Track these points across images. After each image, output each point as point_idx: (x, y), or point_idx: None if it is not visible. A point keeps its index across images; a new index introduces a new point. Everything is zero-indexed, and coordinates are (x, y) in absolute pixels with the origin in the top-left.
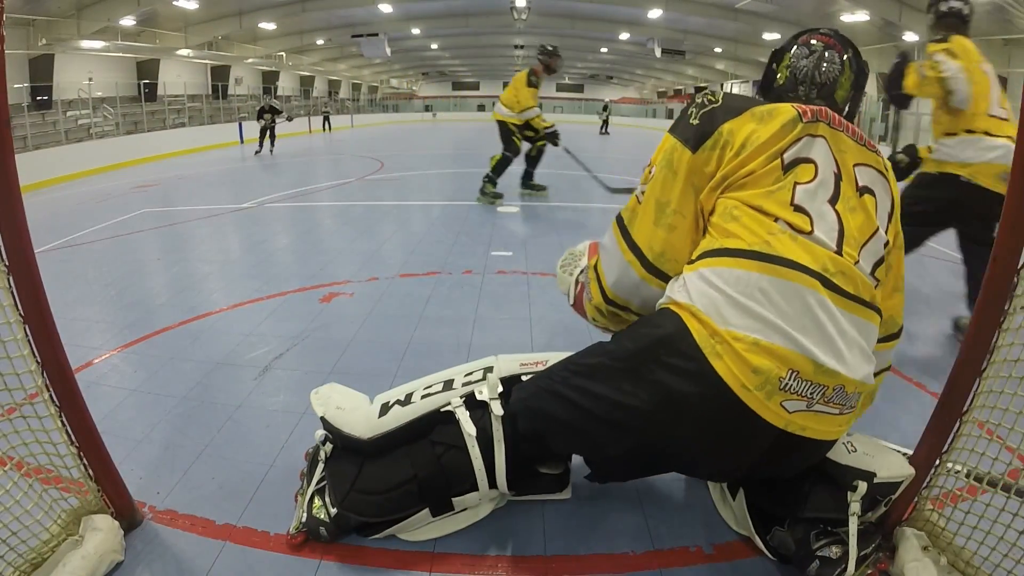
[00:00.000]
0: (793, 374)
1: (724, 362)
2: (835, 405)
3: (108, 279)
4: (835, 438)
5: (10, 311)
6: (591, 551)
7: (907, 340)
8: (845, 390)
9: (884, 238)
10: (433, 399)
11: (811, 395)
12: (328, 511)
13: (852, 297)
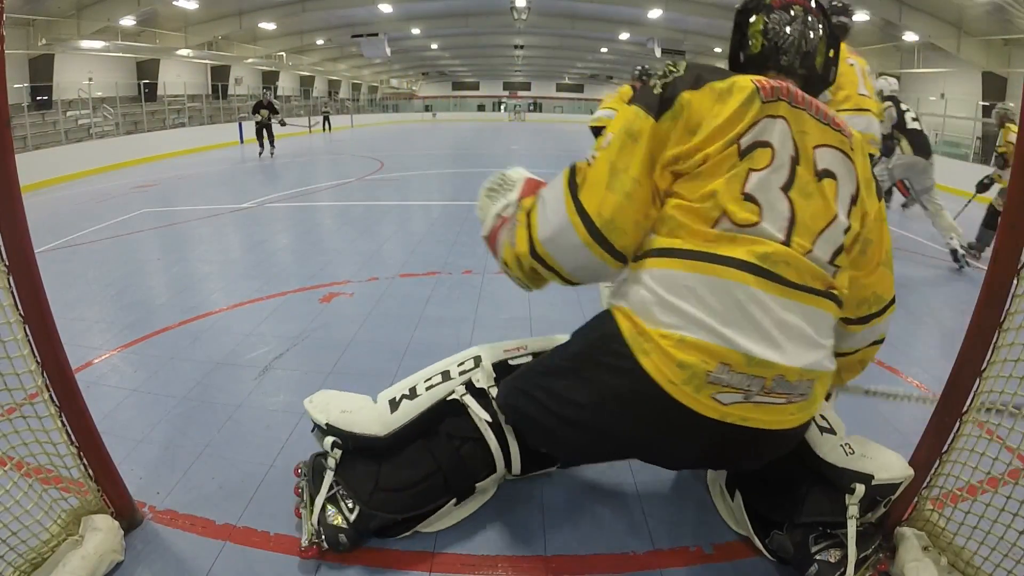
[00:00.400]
0: (723, 367)
1: (651, 359)
2: (778, 395)
3: (108, 279)
4: (791, 427)
5: (10, 311)
6: (591, 551)
7: (907, 340)
8: (787, 379)
9: (845, 223)
10: (437, 390)
11: (747, 387)
12: (346, 517)
13: (797, 286)
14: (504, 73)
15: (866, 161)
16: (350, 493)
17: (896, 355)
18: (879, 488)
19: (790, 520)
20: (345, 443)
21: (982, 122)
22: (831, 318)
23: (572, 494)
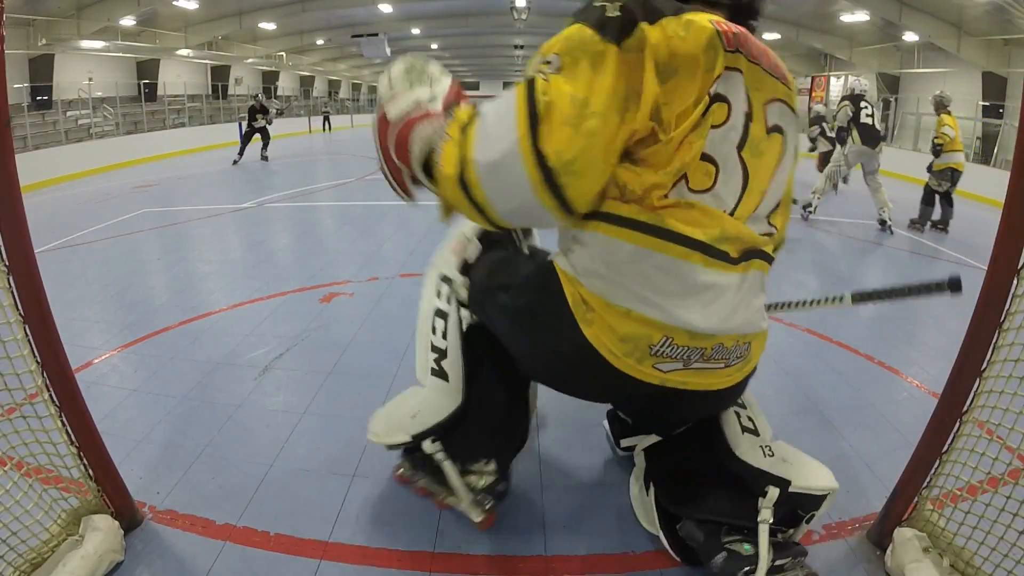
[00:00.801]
0: (666, 340)
1: (593, 329)
2: (717, 361)
3: (108, 279)
4: (728, 387)
5: (10, 311)
6: (591, 551)
7: (907, 340)
8: (724, 346)
9: (786, 176)
10: (451, 331)
11: (687, 357)
12: (487, 473)
13: (739, 260)
14: (504, 73)
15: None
16: (473, 457)
17: (896, 355)
18: (797, 497)
19: (690, 516)
20: (436, 432)
21: (982, 122)
22: (764, 276)
23: (572, 494)
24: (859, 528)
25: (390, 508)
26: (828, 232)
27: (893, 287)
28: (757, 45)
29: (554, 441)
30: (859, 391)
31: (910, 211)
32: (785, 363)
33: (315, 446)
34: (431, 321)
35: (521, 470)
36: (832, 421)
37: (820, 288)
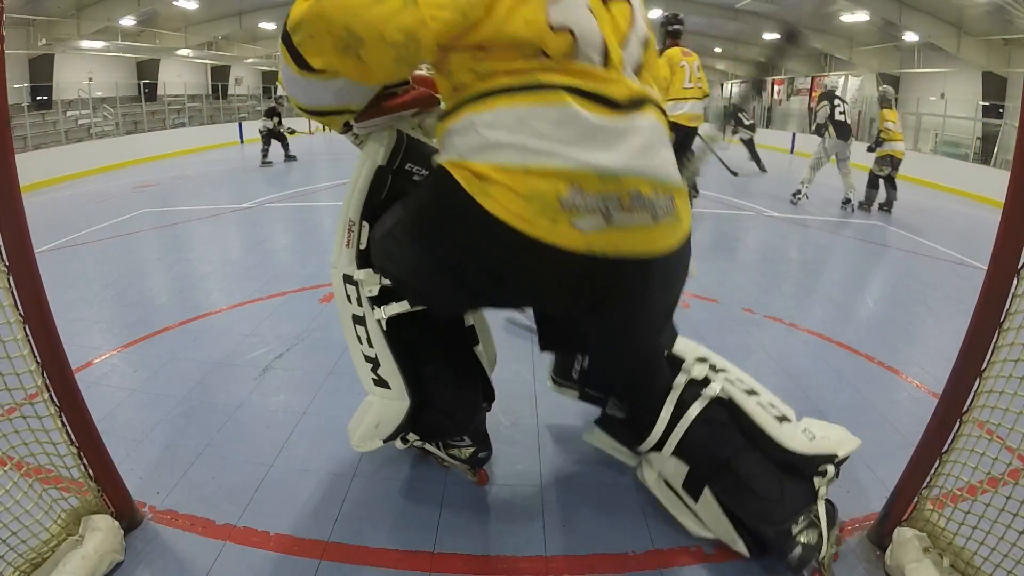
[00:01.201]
0: (574, 190)
1: (494, 199)
2: (641, 211)
3: (108, 279)
4: (664, 250)
5: (10, 311)
6: (591, 551)
7: (907, 340)
8: (642, 193)
9: (642, 37)
10: (375, 335)
11: (605, 207)
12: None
13: (622, 105)
14: None
15: None
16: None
17: (896, 355)
18: (839, 464)
19: (775, 523)
20: (405, 431)
21: (982, 122)
22: (661, 127)
23: (572, 494)
24: (859, 528)
25: (390, 508)
26: (836, 234)
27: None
28: None
29: (554, 441)
30: (859, 391)
31: (910, 212)
32: (785, 363)
33: (315, 446)
34: (353, 331)
35: (520, 470)
36: (832, 421)
37: (823, 287)
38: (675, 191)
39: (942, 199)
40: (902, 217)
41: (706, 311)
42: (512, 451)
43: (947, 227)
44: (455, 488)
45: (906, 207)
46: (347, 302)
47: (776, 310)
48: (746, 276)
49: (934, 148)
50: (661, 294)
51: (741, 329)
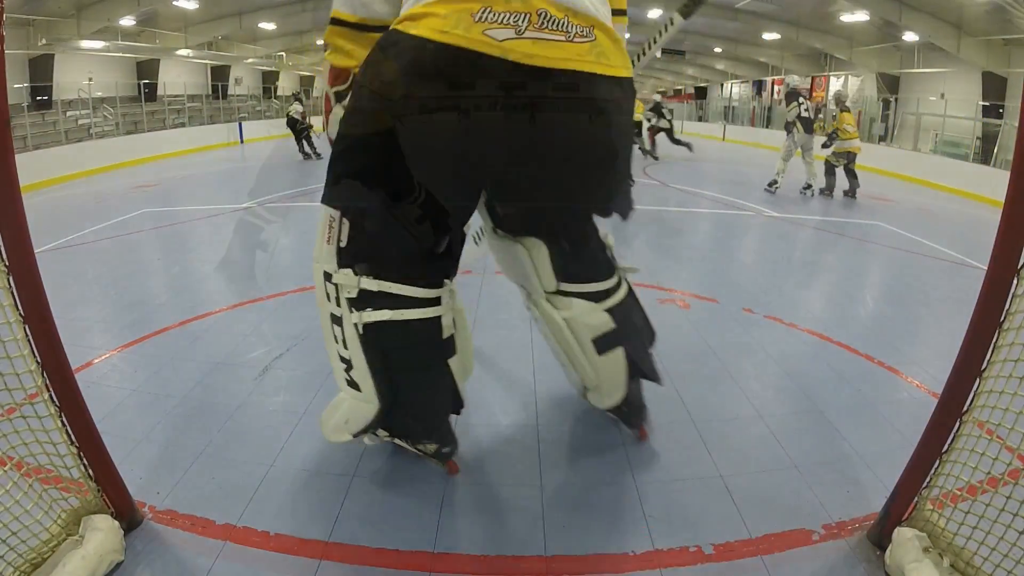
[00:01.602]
0: (485, 9)
1: (420, 26)
2: (551, 31)
3: (108, 279)
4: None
5: (10, 311)
6: (591, 551)
7: (908, 340)
8: (551, 13)
9: None
10: (350, 338)
11: (515, 22)
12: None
13: None
14: None
15: None
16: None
17: (896, 355)
18: None
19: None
20: (374, 428)
21: (982, 122)
22: None
23: (572, 494)
24: (859, 528)
25: (390, 508)
26: (837, 234)
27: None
28: None
29: (553, 441)
30: (859, 391)
31: (910, 212)
32: (785, 364)
33: (315, 446)
34: (331, 329)
35: (520, 470)
36: (833, 422)
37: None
38: (596, 23)
39: (942, 199)
40: (902, 217)
41: (706, 311)
42: (511, 451)
43: (947, 227)
44: (455, 489)
45: (906, 207)
46: (326, 300)
47: (776, 310)
48: (746, 276)
49: (934, 148)
50: (603, 131)
51: (741, 329)
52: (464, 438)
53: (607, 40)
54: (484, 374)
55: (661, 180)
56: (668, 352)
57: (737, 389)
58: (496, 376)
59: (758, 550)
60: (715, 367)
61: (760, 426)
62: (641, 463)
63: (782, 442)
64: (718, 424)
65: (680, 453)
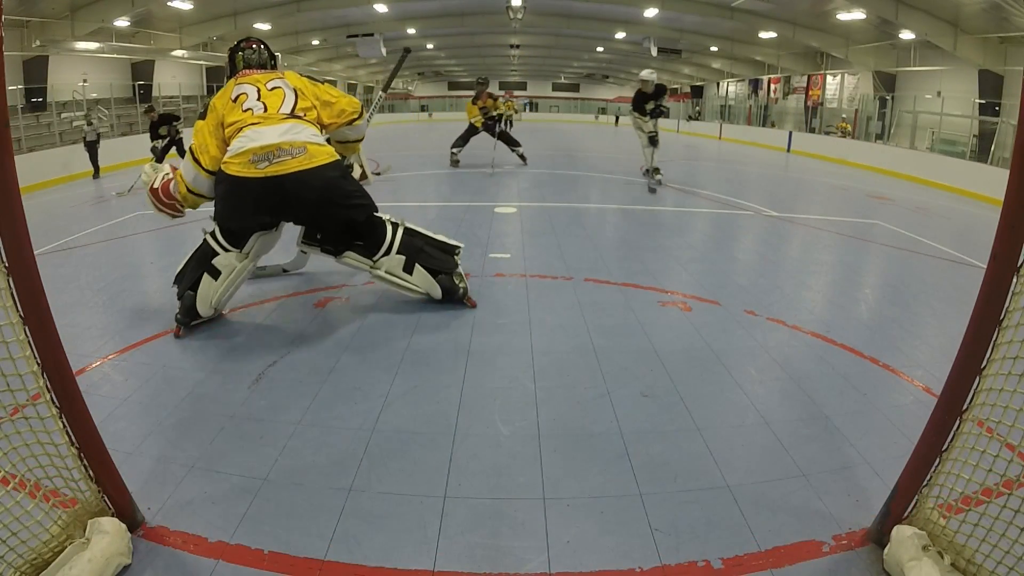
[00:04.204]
0: (254, 155)
1: (230, 167)
2: (284, 155)
3: (102, 283)
4: (301, 168)
5: (11, 312)
6: (596, 568)
7: (908, 340)
8: (282, 148)
9: (292, 99)
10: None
11: (268, 157)
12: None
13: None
14: (500, 73)
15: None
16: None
17: (899, 357)
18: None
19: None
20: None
21: (979, 120)
22: (301, 126)
23: (576, 508)
24: (862, 529)
25: (388, 524)
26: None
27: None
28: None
29: (556, 453)
30: (865, 395)
31: (908, 210)
32: (789, 367)
33: (310, 459)
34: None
35: (523, 482)
36: (839, 428)
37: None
38: (307, 144)
39: (940, 197)
40: (900, 215)
41: (709, 314)
42: (513, 463)
43: (945, 225)
44: (456, 503)
45: (904, 205)
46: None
47: (778, 311)
48: (746, 277)
49: (931, 146)
50: (318, 189)
51: (744, 332)
52: (462, 448)
53: (313, 147)
54: (482, 380)
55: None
56: (671, 356)
57: (742, 395)
58: (496, 382)
59: (768, 563)
60: (719, 372)
61: (766, 433)
62: (646, 474)
63: (789, 450)
64: (724, 432)
65: (686, 463)
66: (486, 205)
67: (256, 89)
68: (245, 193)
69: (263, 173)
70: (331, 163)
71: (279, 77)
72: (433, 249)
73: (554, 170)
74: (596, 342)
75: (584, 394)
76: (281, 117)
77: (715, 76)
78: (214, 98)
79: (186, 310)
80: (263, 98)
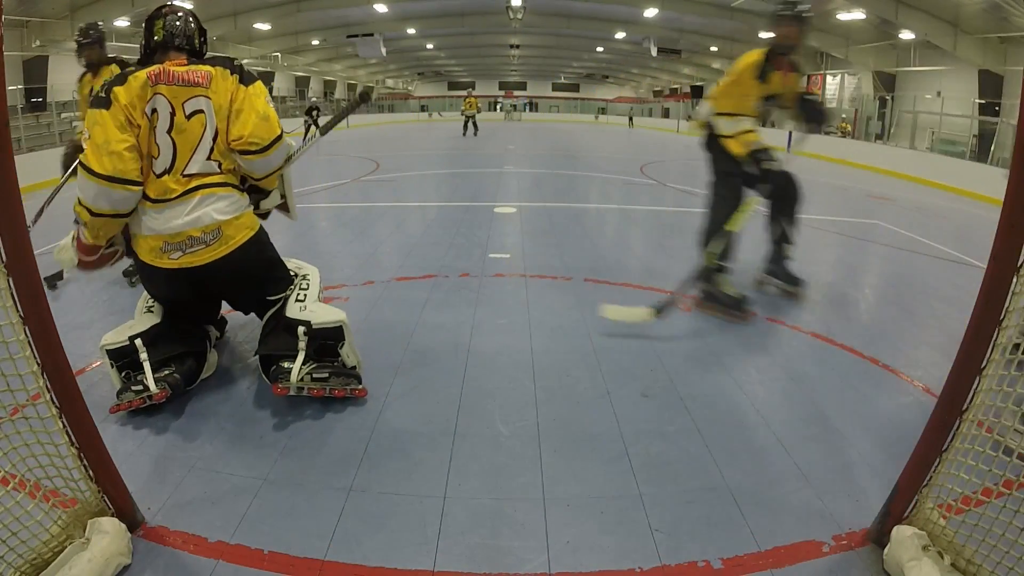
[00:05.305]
0: (165, 243)
1: (141, 249)
2: (199, 244)
3: (99, 283)
4: (220, 256)
5: (10, 312)
6: (596, 568)
7: (908, 340)
8: (193, 236)
9: (212, 131)
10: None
11: (181, 247)
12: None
13: (172, 199)
14: (500, 73)
15: (226, 84)
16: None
17: (900, 358)
18: (322, 330)
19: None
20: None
21: (979, 120)
22: (212, 197)
23: (576, 508)
24: (863, 529)
25: (388, 523)
26: None
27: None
28: (174, 74)
29: (556, 453)
30: (865, 396)
31: (908, 210)
32: (790, 368)
33: (310, 459)
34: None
35: (523, 482)
36: (839, 428)
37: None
38: (222, 225)
39: (940, 197)
40: (900, 215)
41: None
42: (513, 464)
43: (945, 225)
44: (455, 503)
45: (904, 205)
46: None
47: (778, 312)
48: (746, 277)
49: (931, 146)
50: (232, 275)
51: (744, 332)
52: (463, 448)
53: (230, 226)
54: (482, 380)
55: (658, 180)
56: (671, 356)
57: (742, 395)
58: (495, 383)
59: (768, 564)
60: (719, 372)
61: (767, 433)
62: (646, 474)
63: (789, 450)
64: (724, 432)
65: (686, 463)
66: (486, 205)
67: (170, 110)
68: (157, 278)
69: (176, 264)
70: (248, 240)
71: (201, 92)
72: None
73: (554, 170)
74: (596, 342)
75: (584, 394)
76: (186, 186)
77: (715, 76)
78: (118, 88)
79: None
80: (175, 131)
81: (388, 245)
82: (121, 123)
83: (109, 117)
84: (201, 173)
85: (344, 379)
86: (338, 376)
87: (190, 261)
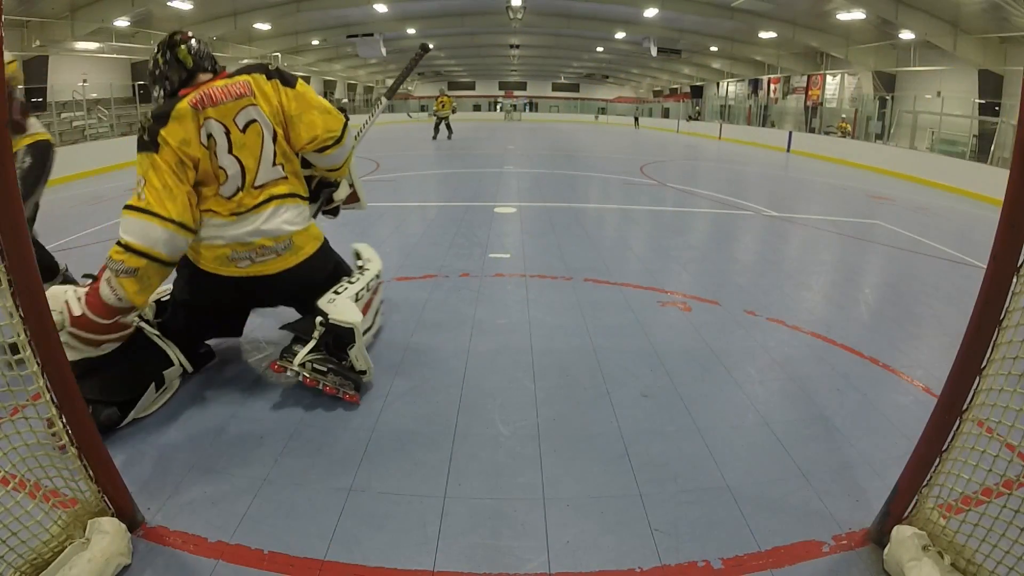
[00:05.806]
0: (234, 251)
1: (200, 259)
2: (269, 254)
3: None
4: (286, 268)
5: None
6: (596, 568)
7: (908, 340)
8: (266, 246)
9: (272, 135)
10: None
11: (250, 256)
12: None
13: (245, 212)
14: (500, 73)
15: (268, 89)
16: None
17: (900, 357)
18: (336, 327)
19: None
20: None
21: (979, 120)
22: (284, 207)
23: (576, 508)
24: (863, 529)
25: (388, 524)
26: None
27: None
28: (215, 94)
29: (556, 453)
30: (865, 396)
31: (908, 210)
32: (790, 368)
33: (310, 459)
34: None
35: (523, 482)
36: (839, 428)
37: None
38: (292, 235)
39: (940, 197)
40: (901, 215)
41: (708, 314)
42: (513, 464)
43: (945, 225)
44: (455, 503)
45: (904, 205)
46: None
47: (778, 312)
48: (746, 277)
49: (931, 146)
50: (299, 285)
51: (744, 332)
52: (463, 448)
53: (300, 237)
54: (482, 380)
55: (658, 180)
56: (671, 356)
57: (742, 395)
58: (495, 383)
59: (768, 563)
60: (719, 372)
61: (766, 433)
62: (646, 474)
63: (789, 450)
64: (724, 432)
65: (686, 463)
66: (486, 205)
67: (224, 129)
68: (210, 286)
69: (243, 272)
70: (316, 252)
71: (249, 102)
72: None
73: (554, 170)
74: (596, 342)
75: (584, 394)
76: (259, 198)
77: (715, 76)
78: (163, 130)
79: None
80: (236, 148)
81: (388, 245)
82: (174, 166)
83: (162, 161)
84: (271, 181)
85: (341, 380)
86: (337, 375)
87: (259, 270)
